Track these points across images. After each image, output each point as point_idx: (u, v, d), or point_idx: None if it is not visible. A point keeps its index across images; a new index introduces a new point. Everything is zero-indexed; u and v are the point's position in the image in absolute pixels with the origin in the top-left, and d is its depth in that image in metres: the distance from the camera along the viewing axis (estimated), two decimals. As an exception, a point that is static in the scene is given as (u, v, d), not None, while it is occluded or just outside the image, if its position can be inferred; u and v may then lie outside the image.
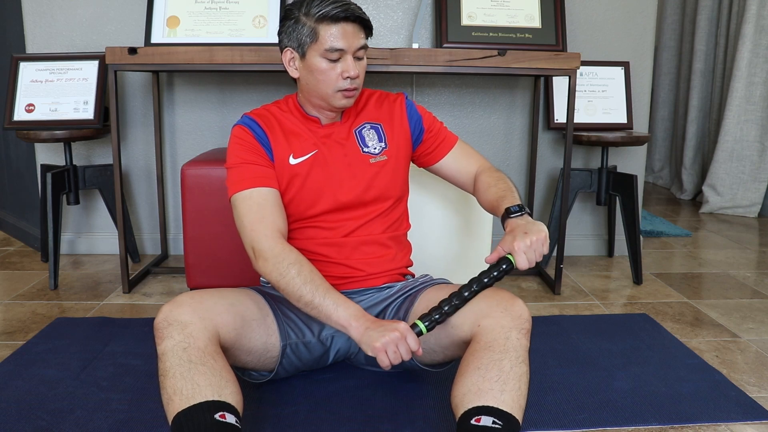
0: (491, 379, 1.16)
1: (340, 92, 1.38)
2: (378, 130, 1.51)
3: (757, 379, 1.60)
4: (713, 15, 3.98)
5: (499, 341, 1.20)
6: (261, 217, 1.35)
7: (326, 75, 1.37)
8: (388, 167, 1.49)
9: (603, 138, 2.36)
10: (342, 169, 1.45)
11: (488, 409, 1.13)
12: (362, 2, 2.49)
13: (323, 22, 1.34)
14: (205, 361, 1.10)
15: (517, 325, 1.23)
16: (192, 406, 1.05)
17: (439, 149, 1.58)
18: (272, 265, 1.31)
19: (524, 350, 1.22)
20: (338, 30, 1.34)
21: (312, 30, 1.35)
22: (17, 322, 1.92)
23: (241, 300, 1.31)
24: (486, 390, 1.15)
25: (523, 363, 1.20)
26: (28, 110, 2.31)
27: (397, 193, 1.53)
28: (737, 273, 2.53)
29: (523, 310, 1.26)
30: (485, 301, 1.28)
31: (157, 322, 1.16)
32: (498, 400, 1.13)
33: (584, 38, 2.58)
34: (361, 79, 1.42)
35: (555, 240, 2.44)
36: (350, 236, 1.46)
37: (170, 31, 2.28)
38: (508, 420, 1.12)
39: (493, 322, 1.23)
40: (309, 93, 1.43)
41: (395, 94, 1.57)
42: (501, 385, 1.15)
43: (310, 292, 1.28)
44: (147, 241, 2.67)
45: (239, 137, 1.42)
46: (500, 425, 1.11)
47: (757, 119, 3.62)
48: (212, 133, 2.59)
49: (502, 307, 1.25)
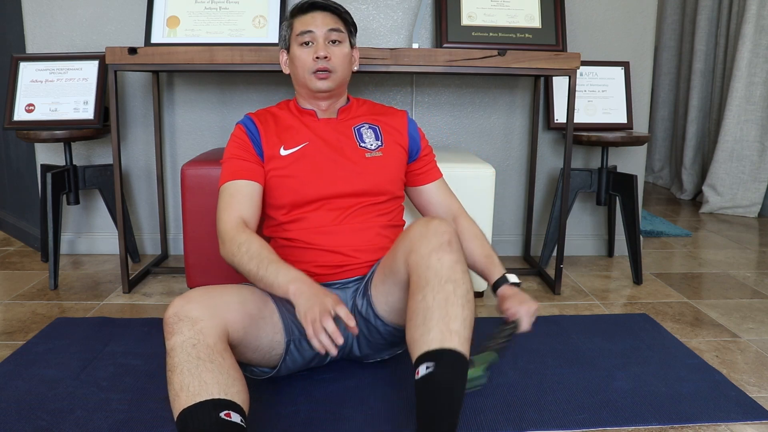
0: (419, 325, 1.17)
1: (314, 74, 1.49)
2: (376, 130, 1.59)
3: (757, 379, 1.60)
4: (713, 15, 3.99)
5: (421, 275, 1.21)
6: (228, 206, 1.45)
7: (301, 60, 1.51)
8: (383, 163, 1.55)
9: (603, 138, 2.36)
10: (336, 159, 1.52)
11: (420, 358, 1.15)
12: (362, 2, 2.49)
13: (297, 15, 1.53)
14: (214, 358, 1.10)
15: (435, 245, 1.23)
16: (198, 403, 1.05)
17: (429, 174, 1.67)
18: (227, 247, 1.39)
19: (448, 267, 1.21)
20: (307, 17, 1.50)
21: (289, 24, 1.54)
22: (17, 322, 1.92)
23: (250, 297, 1.32)
24: (417, 339, 1.17)
25: (448, 282, 1.19)
26: (28, 110, 2.31)
27: (391, 189, 1.56)
28: (737, 273, 2.53)
29: (439, 225, 1.27)
30: (408, 234, 1.30)
31: (168, 317, 1.16)
32: (426, 342, 1.15)
33: (584, 38, 2.58)
34: (339, 64, 1.52)
35: (555, 240, 2.44)
36: (343, 224, 1.49)
37: (170, 31, 2.28)
38: (438, 355, 1.13)
39: (415, 256, 1.24)
40: (296, 83, 1.57)
41: (399, 110, 1.68)
42: (426, 325, 1.16)
43: (255, 266, 1.32)
44: (147, 241, 2.67)
45: (235, 135, 1.54)
46: (432, 365, 1.12)
47: (757, 119, 3.62)
48: (212, 133, 2.59)
49: (419, 234, 1.26)
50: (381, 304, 1.41)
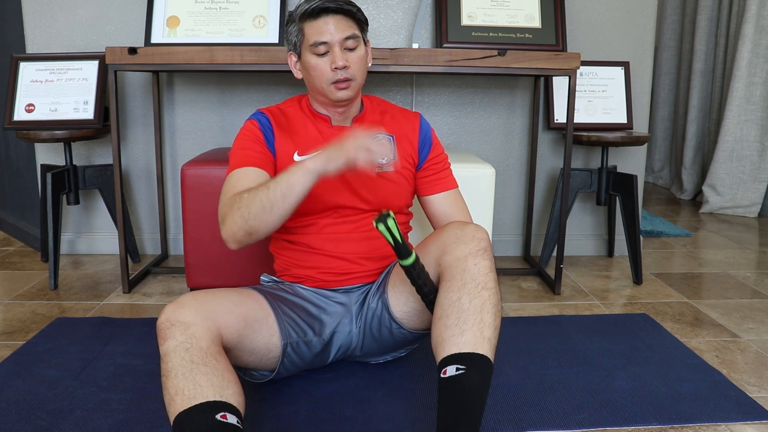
0: (451, 326, 1.18)
1: (333, 85, 1.40)
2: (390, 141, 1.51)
3: (757, 379, 1.60)
4: (713, 15, 3.98)
5: (456, 276, 1.22)
6: (233, 188, 1.34)
7: (318, 70, 1.40)
8: (393, 180, 1.50)
9: (603, 138, 2.36)
10: (347, 173, 1.44)
11: (450, 358, 1.16)
12: (362, 2, 2.49)
13: (307, 19, 1.40)
14: (207, 361, 1.10)
15: (472, 250, 1.23)
16: (193, 406, 1.05)
17: (437, 183, 1.57)
18: (227, 212, 1.28)
19: (484, 274, 1.23)
20: (320, 24, 1.38)
21: (299, 29, 1.41)
22: (17, 322, 1.92)
23: (243, 300, 1.32)
24: (447, 338, 1.18)
25: (484, 289, 1.21)
26: (28, 110, 2.31)
27: (400, 205, 1.54)
28: (737, 273, 2.53)
29: (476, 231, 1.26)
30: (441, 236, 1.30)
31: (160, 323, 1.16)
32: (458, 344, 1.16)
33: (584, 38, 2.58)
34: (357, 70, 1.43)
35: (555, 240, 2.44)
36: (351, 232, 1.48)
37: (170, 31, 2.28)
38: (470, 359, 1.15)
39: (450, 258, 1.24)
40: (312, 90, 1.47)
41: (413, 112, 1.60)
42: (460, 327, 1.18)
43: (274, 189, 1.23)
44: (147, 241, 2.67)
45: (246, 129, 1.46)
46: (464, 368, 1.13)
47: (757, 119, 3.62)
48: (212, 133, 2.59)
49: (455, 237, 1.26)
50: (400, 305, 1.41)
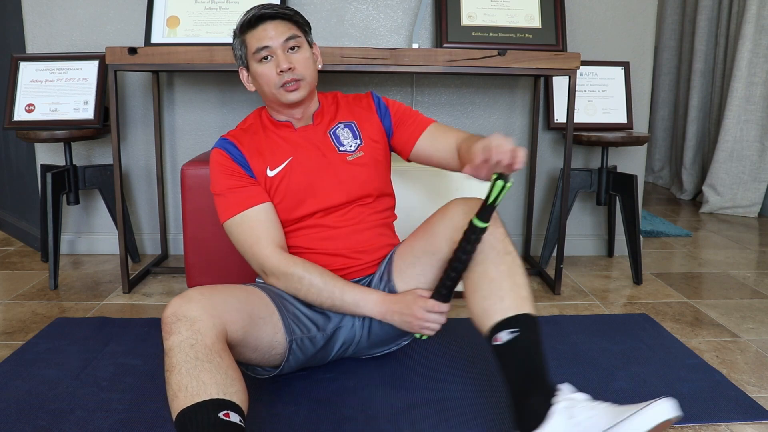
0: (486, 296, 1.26)
1: (282, 88, 1.43)
2: (352, 127, 1.55)
3: (757, 379, 1.60)
4: (713, 15, 3.98)
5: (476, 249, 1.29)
6: (257, 239, 1.42)
7: (265, 76, 1.44)
8: (366, 163, 1.52)
9: (603, 138, 2.36)
10: (321, 170, 1.48)
11: (498, 325, 1.23)
12: (362, 3, 2.49)
13: (247, 30, 1.44)
14: (212, 358, 1.10)
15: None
16: (196, 403, 1.05)
17: (412, 134, 1.56)
18: (284, 283, 1.42)
19: (501, 240, 1.31)
20: (259, 32, 1.42)
21: (242, 42, 1.46)
22: (17, 322, 1.92)
23: (249, 297, 1.32)
24: (488, 308, 1.26)
25: (506, 254, 1.30)
26: (28, 110, 2.31)
27: (380, 186, 1.55)
28: (737, 273, 2.53)
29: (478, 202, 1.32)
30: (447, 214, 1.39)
31: (166, 316, 1.15)
32: (502, 310, 1.24)
33: (584, 38, 2.58)
34: (304, 69, 1.45)
35: (555, 240, 2.44)
36: (340, 228, 1.49)
37: (170, 31, 2.28)
38: (518, 320, 1.22)
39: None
40: (266, 99, 1.51)
41: (364, 94, 1.62)
42: (497, 294, 1.25)
43: (329, 298, 1.41)
44: (147, 241, 2.67)
45: (219, 162, 1.47)
46: (517, 330, 1.21)
47: (757, 119, 3.62)
48: (212, 133, 2.59)
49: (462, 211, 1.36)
50: (410, 288, 1.44)
